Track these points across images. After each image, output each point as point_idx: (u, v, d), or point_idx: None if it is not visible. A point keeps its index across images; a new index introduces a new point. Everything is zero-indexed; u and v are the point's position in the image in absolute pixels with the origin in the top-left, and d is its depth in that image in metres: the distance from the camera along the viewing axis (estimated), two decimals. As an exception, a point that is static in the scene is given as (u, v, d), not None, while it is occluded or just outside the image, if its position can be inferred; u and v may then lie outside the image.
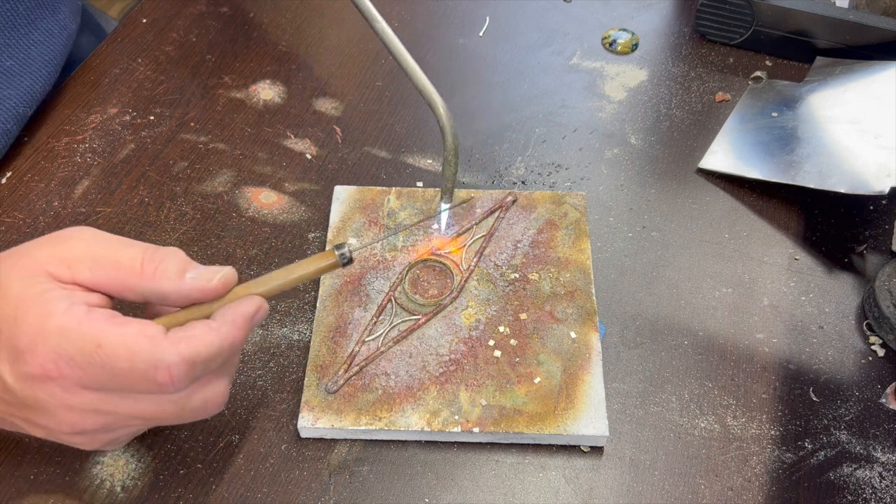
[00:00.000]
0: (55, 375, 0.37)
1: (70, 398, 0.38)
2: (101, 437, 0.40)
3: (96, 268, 0.39)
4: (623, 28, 0.75)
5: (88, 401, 0.38)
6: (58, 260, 0.39)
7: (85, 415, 0.38)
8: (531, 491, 0.47)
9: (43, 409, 0.38)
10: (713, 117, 0.67)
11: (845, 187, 0.57)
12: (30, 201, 0.60)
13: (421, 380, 0.49)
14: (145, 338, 0.37)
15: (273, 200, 0.61)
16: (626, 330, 0.54)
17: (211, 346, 0.38)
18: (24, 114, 0.62)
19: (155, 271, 0.39)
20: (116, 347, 0.36)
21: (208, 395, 0.40)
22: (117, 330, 0.37)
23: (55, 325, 0.37)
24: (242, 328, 0.40)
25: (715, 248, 0.59)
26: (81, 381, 0.37)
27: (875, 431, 0.49)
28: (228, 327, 0.39)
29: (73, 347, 0.36)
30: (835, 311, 0.55)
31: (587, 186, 0.62)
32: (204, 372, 0.39)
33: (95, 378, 0.37)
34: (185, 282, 0.39)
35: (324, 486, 0.47)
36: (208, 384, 0.40)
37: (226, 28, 0.74)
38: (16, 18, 0.61)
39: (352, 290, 0.54)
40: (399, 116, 0.67)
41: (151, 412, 0.39)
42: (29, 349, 0.37)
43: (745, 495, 0.47)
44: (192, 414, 0.40)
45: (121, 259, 0.39)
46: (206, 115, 0.67)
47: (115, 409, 0.39)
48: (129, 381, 0.37)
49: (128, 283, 0.39)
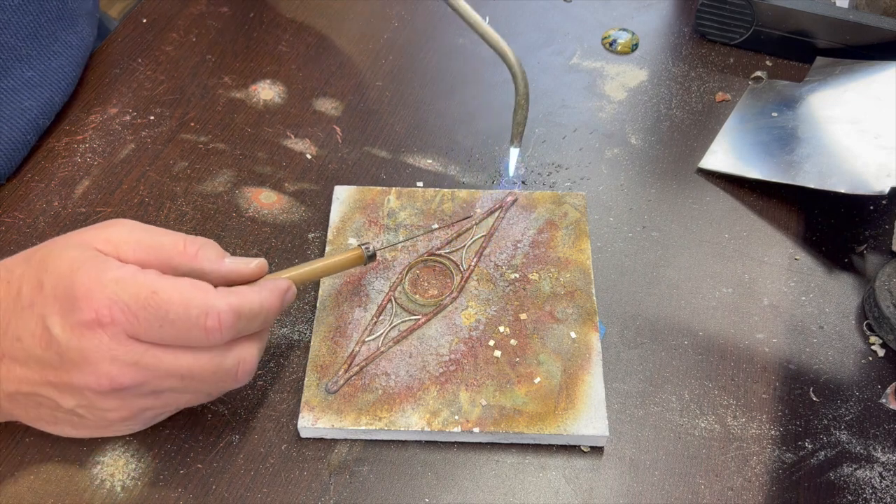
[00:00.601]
0: (107, 321, 0.39)
1: (115, 347, 0.39)
2: (132, 402, 0.41)
3: (140, 249, 0.42)
4: (623, 28, 0.75)
5: (132, 351, 0.40)
6: (103, 239, 0.42)
7: (126, 367, 0.40)
8: (531, 491, 0.47)
9: (86, 360, 0.39)
10: (713, 117, 0.67)
11: (845, 187, 0.57)
12: (30, 201, 0.60)
13: (421, 380, 0.49)
14: (197, 287, 0.40)
15: (273, 200, 0.61)
16: (626, 330, 0.54)
17: (254, 302, 0.42)
18: (43, 125, 0.63)
19: (196, 252, 0.43)
20: (171, 293, 0.39)
21: (243, 355, 0.43)
22: (171, 280, 0.40)
23: (112, 276, 0.39)
24: (278, 298, 0.44)
25: (715, 248, 0.59)
26: (131, 329, 0.39)
27: (875, 431, 0.49)
28: (268, 292, 0.43)
29: (129, 294, 0.39)
30: (835, 311, 0.55)
31: (587, 186, 0.62)
32: (246, 329, 0.42)
33: (146, 325, 0.39)
34: (224, 264, 0.43)
35: (324, 486, 0.47)
36: (244, 345, 0.43)
37: (226, 28, 0.74)
38: (38, 30, 0.62)
39: (352, 290, 0.54)
40: (399, 116, 0.67)
41: (188, 368, 0.41)
42: (85, 296, 0.39)
43: (745, 495, 0.47)
44: (226, 376, 0.43)
45: (164, 242, 0.42)
46: (206, 115, 0.67)
47: (155, 364, 0.40)
48: (179, 327, 0.40)
49: (171, 262, 0.42)
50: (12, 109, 0.60)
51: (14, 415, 0.44)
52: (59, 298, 0.39)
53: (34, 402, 0.42)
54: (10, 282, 0.41)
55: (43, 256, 0.41)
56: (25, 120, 0.61)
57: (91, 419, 0.42)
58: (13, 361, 0.41)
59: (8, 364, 0.41)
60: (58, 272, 0.40)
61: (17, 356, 0.41)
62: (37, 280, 0.40)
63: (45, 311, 0.40)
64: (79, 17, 0.67)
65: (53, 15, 0.64)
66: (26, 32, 0.61)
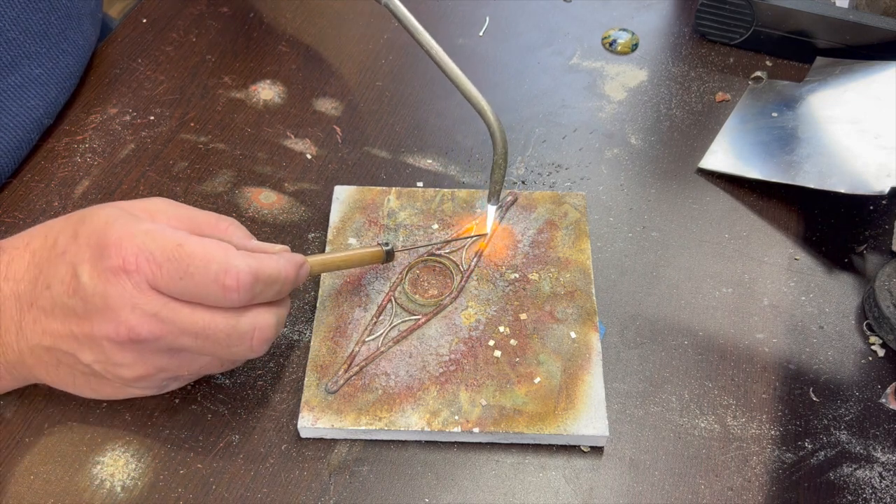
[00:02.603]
0: (132, 268, 0.40)
1: (137, 296, 0.41)
2: (148, 359, 0.43)
3: (174, 220, 0.44)
4: (623, 28, 0.75)
5: (153, 301, 0.41)
6: (141, 208, 0.44)
7: (145, 318, 0.41)
8: (531, 491, 0.47)
9: (108, 307, 0.41)
10: (713, 117, 0.67)
11: (845, 187, 0.57)
12: (30, 201, 0.60)
13: (421, 380, 0.49)
14: (220, 246, 0.42)
15: (273, 200, 0.61)
16: (626, 330, 0.54)
17: (273, 268, 0.43)
18: (46, 124, 0.64)
19: (226, 229, 0.45)
20: (195, 247, 0.41)
21: (259, 321, 0.43)
22: (197, 237, 0.42)
23: (143, 228, 0.41)
24: (294, 269, 0.45)
25: (715, 248, 0.59)
26: (154, 279, 0.41)
27: (875, 431, 0.49)
28: (285, 262, 0.44)
29: (156, 245, 0.41)
30: (835, 311, 0.55)
31: (587, 186, 0.62)
32: (263, 294, 0.43)
33: (168, 276, 0.41)
34: (251, 243, 0.46)
35: (324, 486, 0.47)
36: (260, 311, 0.44)
37: (226, 28, 0.74)
38: (48, 28, 0.62)
39: (352, 290, 0.54)
40: (399, 116, 0.67)
41: (203, 326, 0.42)
42: (116, 244, 0.41)
43: (745, 495, 0.47)
44: (240, 340, 0.43)
45: (196, 217, 0.45)
46: (206, 115, 0.67)
47: (173, 318, 0.41)
48: (198, 281, 0.41)
49: (203, 232, 0.44)
50: (19, 107, 0.61)
51: (35, 374, 0.45)
52: (91, 247, 0.41)
53: (54, 358, 0.43)
54: (48, 235, 0.44)
55: (82, 214, 0.44)
56: (31, 118, 0.61)
57: (108, 377, 0.43)
58: (40, 311, 0.43)
59: (35, 314, 0.43)
60: (93, 224, 0.42)
61: (45, 305, 0.42)
62: (73, 231, 0.42)
63: (76, 259, 0.41)
64: (84, 16, 0.67)
65: (63, 13, 0.64)
66: (36, 30, 0.61)
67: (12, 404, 0.49)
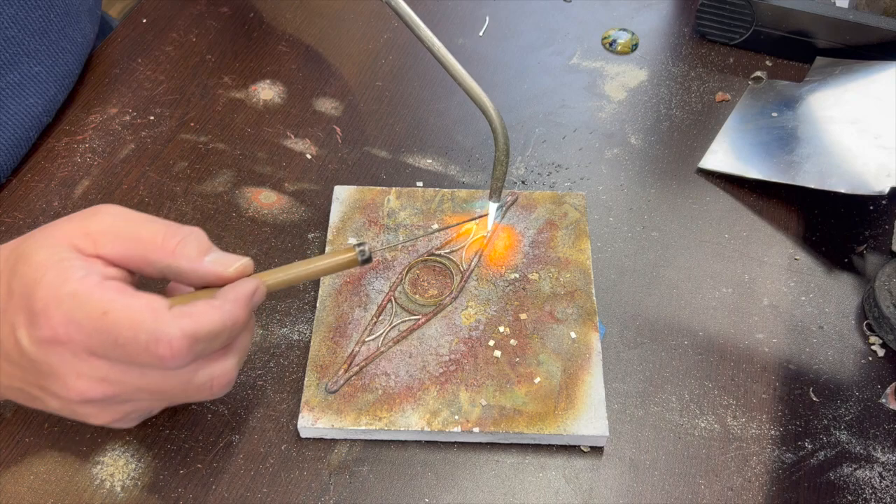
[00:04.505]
0: (65, 339, 0.38)
1: (79, 364, 0.38)
2: (111, 409, 0.41)
3: (118, 241, 0.40)
4: (623, 28, 0.75)
5: (97, 368, 0.39)
6: (83, 233, 0.40)
7: (93, 383, 0.39)
8: (531, 491, 0.47)
9: (55, 374, 0.39)
10: (713, 117, 0.67)
11: (845, 187, 0.57)
12: (30, 201, 0.60)
13: (421, 380, 0.49)
14: (149, 310, 0.38)
15: (273, 200, 0.61)
16: (626, 330, 0.54)
17: (213, 322, 0.39)
18: (45, 122, 0.64)
19: (175, 248, 0.40)
20: (120, 316, 0.38)
21: (215, 372, 0.41)
22: (124, 300, 0.38)
23: (68, 290, 0.38)
24: (243, 307, 0.41)
25: (715, 248, 0.59)
26: (89, 348, 0.38)
27: (875, 431, 0.49)
28: (230, 305, 0.40)
29: (82, 312, 0.38)
30: (835, 311, 0.55)
31: (587, 186, 0.62)
32: (208, 349, 0.40)
33: (101, 345, 0.38)
34: (203, 264, 0.41)
35: (324, 486, 0.47)
36: (214, 362, 0.41)
37: (226, 28, 0.74)
38: (47, 25, 0.62)
39: (352, 290, 0.54)
40: (399, 116, 0.67)
41: (157, 385, 0.40)
42: (43, 312, 0.38)
43: (745, 495, 0.47)
44: (199, 392, 0.41)
45: (142, 234, 0.40)
46: (206, 115, 0.67)
47: (122, 380, 0.39)
48: (132, 351, 0.38)
49: (147, 256, 0.40)
50: (17, 105, 0.60)
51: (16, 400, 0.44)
52: (24, 310, 0.39)
53: (28, 396, 0.42)
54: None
55: (18, 256, 0.40)
56: (30, 116, 0.61)
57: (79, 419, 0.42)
58: (2, 356, 0.41)
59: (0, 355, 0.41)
60: (24, 280, 0.39)
61: (2, 353, 0.41)
62: (7, 285, 0.39)
63: (13, 321, 0.39)
64: (83, 13, 0.67)
65: (61, 11, 0.64)
66: (35, 28, 0.61)
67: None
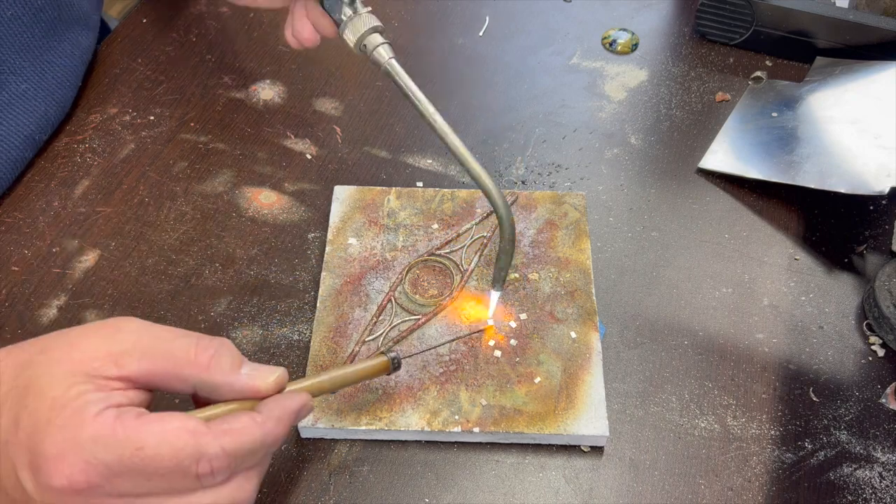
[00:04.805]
0: (82, 487, 0.35)
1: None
2: None
3: (145, 359, 0.37)
4: (623, 28, 0.75)
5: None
6: (105, 354, 0.37)
7: None
8: (531, 491, 0.47)
9: None
10: (713, 117, 0.67)
11: (845, 187, 0.57)
12: (30, 201, 0.60)
13: (421, 380, 0.49)
14: (188, 432, 0.36)
15: (273, 200, 0.61)
16: (626, 330, 0.54)
17: (255, 440, 0.37)
18: (40, 140, 0.62)
19: (209, 363, 0.38)
20: (160, 447, 0.35)
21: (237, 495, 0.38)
22: (157, 428, 0.36)
23: (88, 434, 0.35)
24: (287, 424, 0.39)
25: (715, 248, 0.59)
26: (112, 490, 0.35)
27: (875, 431, 0.49)
28: (273, 423, 0.38)
29: (110, 454, 0.35)
30: (835, 311, 0.55)
31: (587, 186, 0.62)
32: (243, 465, 0.38)
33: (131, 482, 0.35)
34: (240, 377, 0.39)
35: (324, 486, 0.47)
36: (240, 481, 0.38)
37: (226, 28, 0.74)
38: (32, 41, 0.61)
39: (352, 290, 0.54)
40: (399, 116, 0.67)
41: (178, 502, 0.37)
42: (57, 458, 0.35)
43: (745, 495, 0.47)
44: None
45: (173, 350, 0.38)
46: (206, 115, 0.67)
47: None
48: (169, 477, 0.36)
49: (181, 374, 0.38)
50: (8, 125, 0.59)
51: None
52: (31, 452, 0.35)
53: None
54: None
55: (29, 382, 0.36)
56: (21, 136, 0.60)
57: None
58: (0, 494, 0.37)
59: None
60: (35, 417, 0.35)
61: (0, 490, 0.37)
62: (14, 415, 0.36)
63: (17, 461, 0.35)
64: (72, 25, 0.66)
65: (47, 27, 0.62)
66: (20, 45, 0.60)
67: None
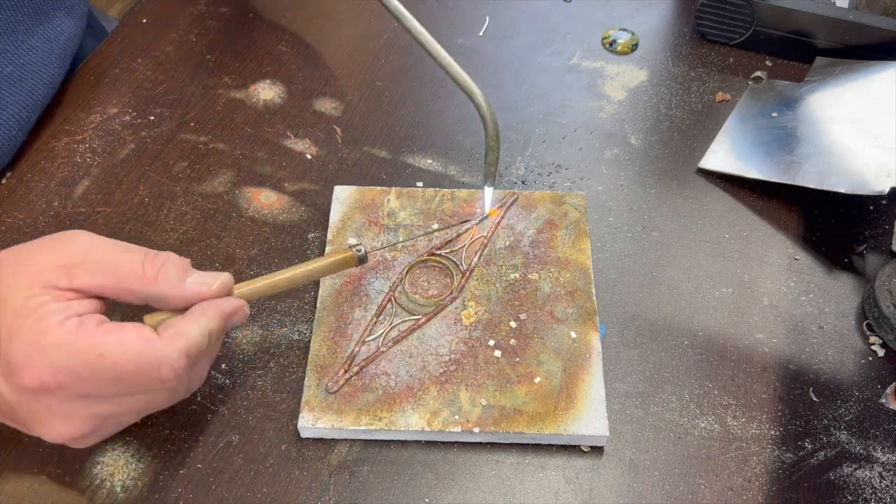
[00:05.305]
0: (53, 387, 0.38)
1: (66, 406, 0.39)
2: (94, 437, 0.42)
3: (96, 272, 0.40)
4: (623, 28, 0.75)
5: (85, 407, 0.39)
6: (58, 266, 0.39)
7: (81, 422, 0.39)
8: (531, 491, 0.47)
9: (38, 421, 0.39)
10: (713, 117, 0.67)
11: (845, 187, 0.57)
12: (30, 201, 0.60)
13: (421, 380, 0.49)
14: (143, 340, 0.39)
15: (273, 200, 0.61)
16: (626, 330, 0.54)
17: (202, 336, 0.41)
18: (29, 118, 0.63)
19: (157, 275, 0.41)
20: (118, 355, 0.38)
21: (193, 378, 0.43)
22: (114, 337, 0.38)
23: (51, 341, 0.37)
24: (220, 321, 0.42)
25: (715, 248, 0.59)
26: (82, 392, 0.38)
27: (875, 431, 0.49)
28: (206, 320, 0.41)
29: (74, 360, 0.37)
30: (835, 311, 0.55)
31: (587, 186, 0.62)
32: (195, 362, 0.41)
33: (98, 386, 0.38)
34: (186, 286, 0.42)
35: (324, 486, 0.47)
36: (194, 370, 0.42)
37: (226, 28, 0.74)
38: (15, 25, 0.62)
39: (352, 290, 0.54)
40: (399, 116, 0.67)
41: (144, 405, 0.41)
42: (24, 364, 0.37)
43: (745, 495, 0.47)
44: (178, 396, 0.43)
45: (121, 265, 0.41)
46: (206, 115, 0.67)
47: (111, 410, 0.40)
48: (133, 382, 0.39)
49: (130, 286, 0.40)
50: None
51: None
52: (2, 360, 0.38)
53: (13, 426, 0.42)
54: None
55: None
56: (7, 115, 0.60)
57: None
58: None
59: None
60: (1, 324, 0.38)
61: None
62: None
63: None
64: (57, 11, 0.66)
65: (30, 10, 0.63)
66: (2, 28, 0.61)
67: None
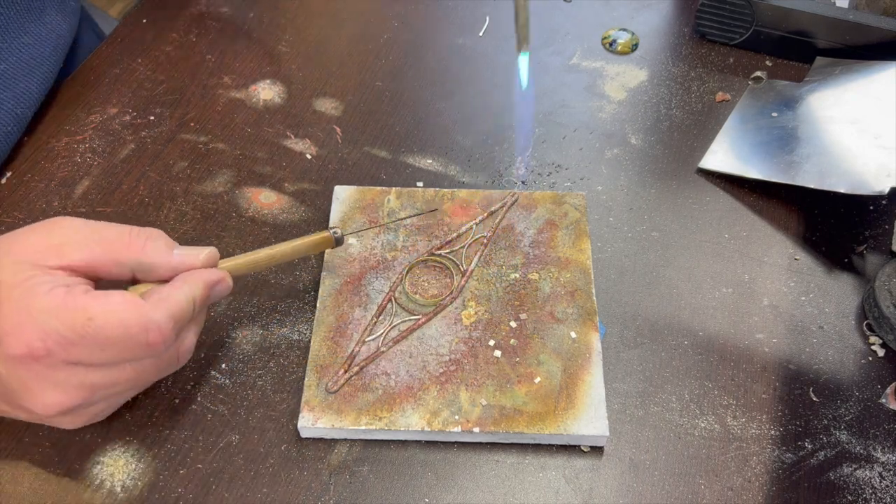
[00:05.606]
0: (41, 354, 0.38)
1: (55, 375, 0.39)
2: (84, 412, 0.42)
3: (85, 248, 0.41)
4: (623, 28, 0.75)
5: (74, 375, 0.39)
6: (47, 247, 0.40)
7: (70, 391, 0.39)
8: (531, 491, 0.47)
9: (27, 391, 0.39)
10: (713, 117, 0.67)
11: (845, 187, 0.57)
12: (30, 201, 0.60)
13: (421, 380, 0.49)
14: (131, 304, 0.40)
15: (273, 200, 0.61)
16: (626, 330, 0.54)
17: (187, 301, 0.42)
18: (24, 115, 0.63)
19: (144, 245, 0.42)
20: (106, 318, 0.38)
21: (181, 350, 0.44)
22: (102, 301, 0.39)
23: (39, 306, 0.38)
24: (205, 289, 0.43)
25: (715, 248, 0.59)
26: (70, 358, 0.39)
27: (875, 431, 0.49)
28: (190, 287, 0.42)
29: (62, 324, 0.38)
30: (835, 311, 0.55)
31: (587, 186, 0.62)
32: (182, 327, 0.42)
33: (86, 351, 0.39)
34: (174, 256, 0.43)
35: (324, 486, 0.47)
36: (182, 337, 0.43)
37: (226, 28, 0.74)
38: (8, 23, 0.62)
39: (352, 290, 0.54)
40: (399, 116, 0.67)
41: (133, 376, 0.41)
42: (13, 331, 0.38)
43: (745, 495, 0.47)
44: (167, 367, 0.43)
45: (109, 237, 0.42)
46: (206, 115, 0.67)
47: (100, 380, 0.40)
48: (121, 346, 0.39)
49: (119, 258, 0.42)
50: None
51: None
52: None
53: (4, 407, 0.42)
54: None
55: None
56: (2, 112, 0.61)
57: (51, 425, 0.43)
58: None
59: None
60: None
61: None
62: None
63: None
64: (48, 8, 0.66)
65: (21, 8, 0.63)
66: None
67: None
